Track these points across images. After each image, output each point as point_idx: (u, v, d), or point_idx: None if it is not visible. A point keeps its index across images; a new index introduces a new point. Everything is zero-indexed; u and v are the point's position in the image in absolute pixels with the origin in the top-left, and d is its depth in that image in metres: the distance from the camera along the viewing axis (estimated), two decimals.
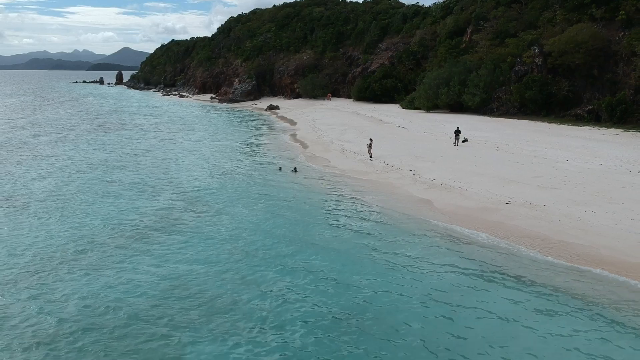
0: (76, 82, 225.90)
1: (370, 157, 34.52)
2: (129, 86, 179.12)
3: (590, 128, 42.92)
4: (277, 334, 12.41)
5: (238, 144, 45.78)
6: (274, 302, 14.09)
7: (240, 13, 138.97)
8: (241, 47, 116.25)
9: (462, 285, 15.35)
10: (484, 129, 44.02)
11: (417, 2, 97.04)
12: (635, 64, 44.79)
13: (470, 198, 24.02)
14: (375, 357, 11.44)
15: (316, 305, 13.95)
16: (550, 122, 47.52)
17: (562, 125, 45.30)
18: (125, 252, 17.86)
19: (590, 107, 48.38)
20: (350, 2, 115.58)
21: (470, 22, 68.34)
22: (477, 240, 19.32)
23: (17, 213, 22.55)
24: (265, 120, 68.77)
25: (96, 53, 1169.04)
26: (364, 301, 14.24)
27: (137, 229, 20.52)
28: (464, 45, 67.30)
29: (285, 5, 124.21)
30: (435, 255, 17.94)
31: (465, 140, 37.98)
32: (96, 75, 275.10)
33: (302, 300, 14.21)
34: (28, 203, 24.17)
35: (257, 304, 13.96)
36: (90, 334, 12.21)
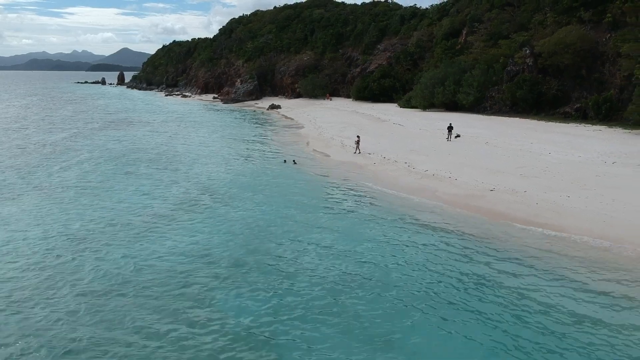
0: (78, 82, 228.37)
1: (356, 152, 36.81)
2: (131, 86, 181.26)
3: (576, 125, 45.38)
4: (291, 285, 14.95)
5: (244, 139, 48.33)
6: (288, 260, 16.75)
7: (241, 15, 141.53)
8: (243, 48, 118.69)
9: (443, 243, 18.16)
10: (476, 126, 46.46)
11: (415, 4, 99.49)
12: (620, 64, 47.27)
13: (459, 186, 26.50)
14: (374, 298, 13.90)
15: (326, 261, 16.44)
16: (539, 120, 49.98)
17: (550, 123, 47.74)
18: (155, 226, 20.49)
19: (578, 105, 50.85)
20: (349, 4, 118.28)
21: (465, 24, 70.81)
22: (459, 215, 21.88)
23: (50, 199, 24.99)
24: (267, 119, 71.29)
25: (95, 54, 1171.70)
26: (365, 258, 16.79)
27: (161, 208, 23.14)
28: (459, 46, 69.80)
29: (285, 7, 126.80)
30: (423, 225, 20.56)
31: (458, 136, 40.46)
32: (95, 76, 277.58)
33: (312, 260, 16.71)
34: (59, 191, 26.63)
35: (272, 264, 16.53)
36: (129, 287, 14.66)
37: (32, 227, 20.45)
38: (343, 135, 45.88)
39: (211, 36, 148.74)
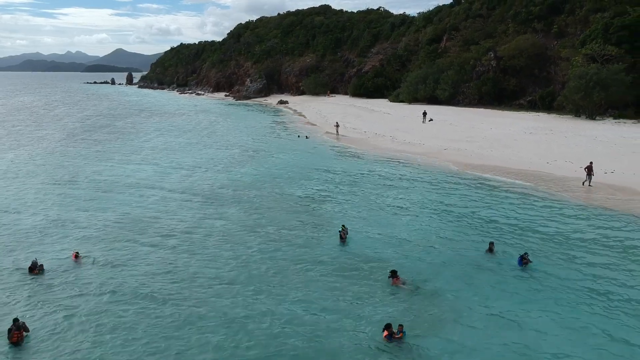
0: (87, 82, 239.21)
1: (337, 135, 49.46)
2: (142, 86, 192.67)
3: (525, 112, 58.54)
4: (315, 189, 28.01)
5: (265, 124, 61.51)
6: (313, 182, 29.84)
7: (248, 20, 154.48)
8: (251, 51, 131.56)
9: (407, 175, 31.11)
10: (447, 114, 59.53)
11: (404, 12, 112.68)
12: (561, 66, 60.54)
13: (424, 148, 39.70)
14: (363, 192, 26.90)
15: (333, 178, 29.48)
16: (499, 110, 63.05)
17: (506, 112, 60.87)
18: (231, 166, 33.74)
19: (530, 98, 64.12)
20: (346, 12, 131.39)
21: (445, 31, 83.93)
22: (421, 162, 35.02)
23: (142, 161, 38.04)
24: (279, 111, 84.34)
25: (89, 54, 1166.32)
26: (356, 178, 29.80)
27: (231, 158, 36.46)
28: (440, 50, 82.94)
29: (289, 13, 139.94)
30: (396, 168, 33.71)
31: (431, 120, 53.61)
32: (92, 76, 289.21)
33: (325, 180, 29.78)
34: (147, 157, 39.66)
35: (305, 182, 29.66)
36: (238, 185, 27.73)
37: (156, 167, 33.85)
38: (344, 121, 58.83)
39: (207, 37, 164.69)
